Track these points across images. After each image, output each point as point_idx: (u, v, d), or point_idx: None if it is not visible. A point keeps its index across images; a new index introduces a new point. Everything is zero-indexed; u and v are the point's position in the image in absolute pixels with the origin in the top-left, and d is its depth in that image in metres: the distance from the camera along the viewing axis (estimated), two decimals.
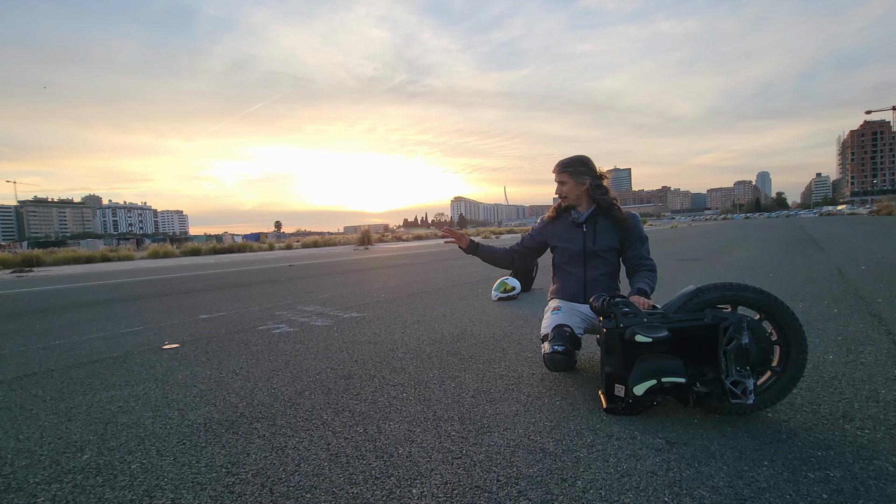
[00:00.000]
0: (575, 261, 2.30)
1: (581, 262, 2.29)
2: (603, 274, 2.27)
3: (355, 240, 25.86)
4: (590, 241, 2.26)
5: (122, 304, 5.40)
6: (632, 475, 1.34)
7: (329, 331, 3.43)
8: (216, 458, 1.54)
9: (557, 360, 1.98)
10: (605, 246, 2.24)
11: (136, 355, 2.96)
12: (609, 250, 2.25)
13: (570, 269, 2.31)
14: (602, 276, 2.27)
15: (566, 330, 2.04)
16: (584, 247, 2.26)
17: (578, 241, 2.28)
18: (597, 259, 2.26)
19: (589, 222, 2.27)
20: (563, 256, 2.35)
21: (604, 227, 2.26)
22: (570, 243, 2.30)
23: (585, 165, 2.26)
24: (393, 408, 1.90)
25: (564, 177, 2.27)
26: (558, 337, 2.01)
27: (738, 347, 1.58)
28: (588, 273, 2.28)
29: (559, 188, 2.30)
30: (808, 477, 1.29)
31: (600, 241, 2.24)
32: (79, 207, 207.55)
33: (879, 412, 1.68)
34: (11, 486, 1.43)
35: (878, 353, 2.34)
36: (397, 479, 1.37)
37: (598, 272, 2.27)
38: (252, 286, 6.80)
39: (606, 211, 2.25)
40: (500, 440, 1.58)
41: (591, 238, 2.25)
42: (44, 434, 1.81)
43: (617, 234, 2.25)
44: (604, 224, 2.26)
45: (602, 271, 2.27)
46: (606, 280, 2.28)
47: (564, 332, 2.03)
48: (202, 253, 21.30)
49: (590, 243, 2.25)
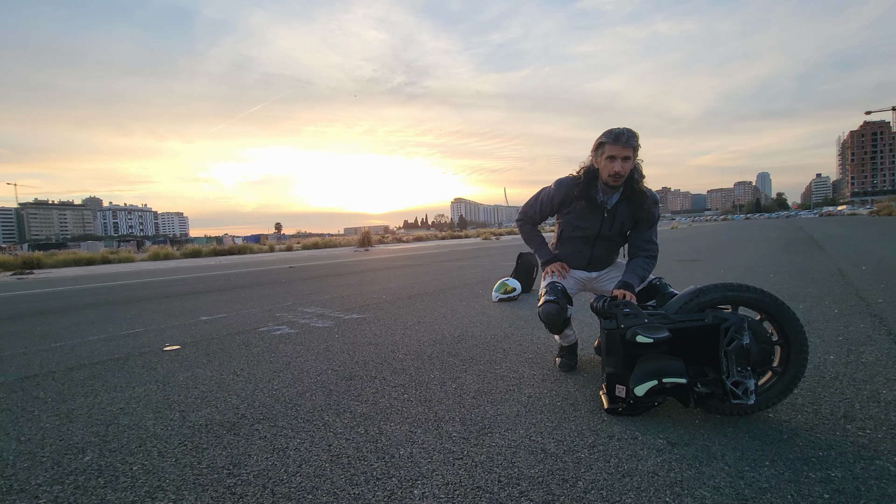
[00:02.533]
0: (586, 240, 2.24)
1: (591, 243, 2.23)
2: (609, 252, 2.28)
3: (355, 241, 25.87)
4: (607, 226, 2.17)
5: (122, 306, 5.40)
6: (633, 476, 1.34)
7: (330, 332, 3.43)
8: (217, 459, 1.54)
9: (550, 310, 2.07)
10: (619, 231, 2.19)
11: (137, 357, 2.96)
12: (622, 233, 2.22)
13: (578, 246, 2.26)
14: (607, 253, 2.28)
15: (558, 285, 2.16)
16: (600, 231, 2.19)
17: (595, 224, 2.17)
18: (607, 242, 2.23)
19: (612, 210, 2.13)
20: (573, 231, 2.24)
21: (623, 213, 2.14)
22: (587, 223, 2.18)
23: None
24: (394, 409, 1.90)
25: (630, 152, 1.97)
26: (551, 291, 2.14)
27: (739, 348, 1.58)
28: (595, 252, 2.26)
29: (621, 165, 1.96)
30: (810, 477, 1.29)
31: (616, 227, 2.17)
32: (79, 209, 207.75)
33: (881, 412, 1.68)
34: (13, 487, 1.43)
35: (879, 354, 2.34)
36: (399, 479, 1.37)
37: (605, 252, 2.26)
38: (253, 288, 6.80)
39: (633, 197, 2.08)
40: (502, 441, 1.58)
41: (609, 225, 2.16)
42: (45, 436, 1.81)
43: (633, 218, 2.16)
44: (624, 209, 2.13)
45: (609, 251, 2.27)
46: (611, 256, 2.29)
47: (557, 287, 2.15)
48: (203, 255, 21.29)
49: (606, 229, 2.17)
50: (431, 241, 33.68)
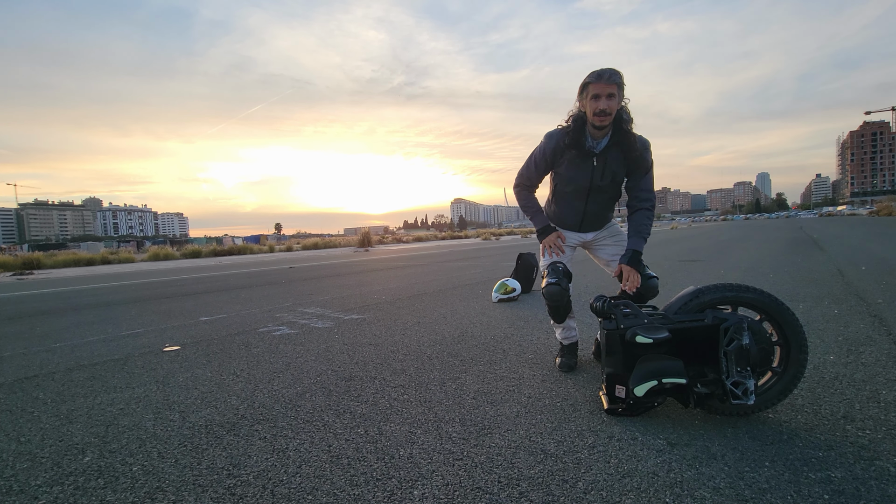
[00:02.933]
0: (578, 194, 2.20)
1: (584, 196, 2.20)
2: (603, 207, 2.25)
3: (355, 242, 25.87)
4: (598, 176, 2.13)
5: (122, 307, 5.40)
6: (633, 476, 1.34)
7: (330, 333, 3.43)
8: (217, 460, 1.54)
9: (552, 290, 2.19)
10: (612, 180, 2.14)
11: (136, 357, 2.96)
12: (615, 183, 2.17)
13: (571, 201, 2.24)
14: (601, 209, 2.25)
15: (559, 266, 2.25)
16: (591, 182, 2.15)
17: (586, 174, 2.14)
18: (600, 194, 2.19)
19: (601, 155, 2.09)
20: (566, 185, 2.21)
21: (614, 160, 2.10)
22: (578, 173, 2.15)
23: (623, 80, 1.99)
24: (394, 409, 1.90)
25: (615, 89, 1.95)
26: (552, 272, 2.24)
27: (739, 348, 1.58)
28: (589, 207, 2.23)
29: (605, 103, 1.94)
30: (810, 478, 1.30)
31: (608, 176, 2.12)
32: (79, 210, 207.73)
33: (880, 413, 1.68)
34: (13, 488, 1.43)
35: (879, 354, 2.34)
36: (398, 480, 1.37)
37: (599, 206, 2.23)
38: (252, 288, 6.80)
39: (622, 137, 2.05)
40: (501, 441, 1.58)
41: (600, 173, 2.12)
42: (45, 436, 1.81)
43: (626, 165, 2.12)
44: (615, 156, 2.09)
45: (603, 205, 2.23)
46: (605, 212, 2.27)
47: (558, 268, 2.24)
48: (202, 255, 21.29)
49: (597, 178, 2.13)
50: (431, 242, 33.70)
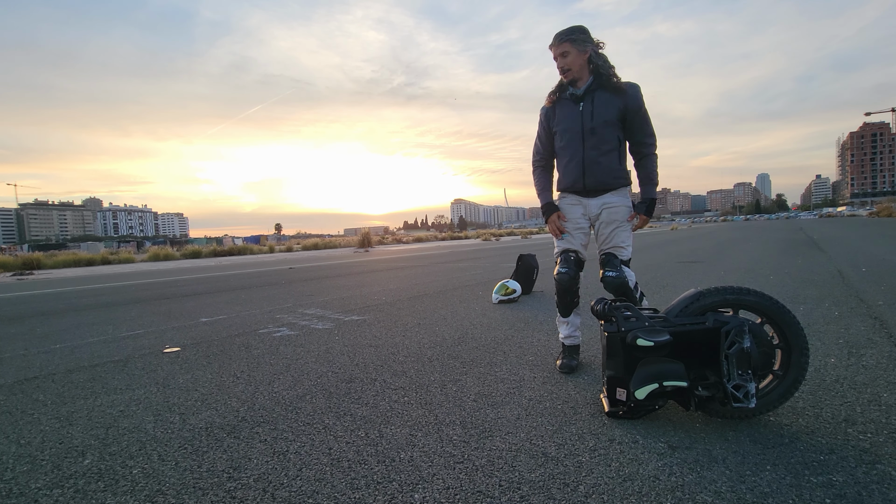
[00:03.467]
0: (573, 141, 2.19)
1: (580, 142, 2.18)
2: (603, 154, 2.16)
3: (355, 242, 25.86)
4: (587, 117, 2.14)
5: (122, 308, 5.40)
6: (634, 480, 1.34)
7: (330, 334, 3.43)
8: (218, 462, 1.54)
9: (563, 278, 2.27)
10: (604, 120, 2.13)
11: (137, 359, 2.96)
12: (609, 125, 2.14)
13: (569, 151, 2.22)
14: (602, 157, 2.16)
15: (571, 255, 2.31)
16: (582, 124, 2.15)
17: (576, 118, 2.17)
18: (595, 138, 2.15)
19: (587, 98, 2.15)
20: (562, 140, 2.24)
21: (602, 101, 2.13)
22: (569, 121, 2.19)
23: (585, 33, 2.13)
24: (394, 412, 1.90)
25: (566, 46, 2.11)
26: (564, 262, 2.31)
27: (740, 351, 1.58)
28: (587, 154, 2.17)
29: (561, 62, 2.14)
30: (811, 481, 1.29)
31: (598, 115, 2.13)
32: (79, 210, 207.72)
33: (882, 416, 1.67)
34: (13, 491, 1.43)
35: (880, 357, 2.34)
36: (399, 483, 1.37)
37: (598, 152, 2.16)
38: (253, 289, 6.80)
39: (606, 81, 2.13)
40: (502, 444, 1.58)
41: (589, 114, 2.14)
42: (45, 439, 1.81)
43: (617, 106, 2.12)
44: (602, 97, 2.13)
45: (601, 151, 2.16)
46: (607, 162, 2.17)
47: (570, 257, 2.30)
48: (202, 255, 21.29)
49: (587, 120, 2.14)
50: (431, 242, 33.69)
